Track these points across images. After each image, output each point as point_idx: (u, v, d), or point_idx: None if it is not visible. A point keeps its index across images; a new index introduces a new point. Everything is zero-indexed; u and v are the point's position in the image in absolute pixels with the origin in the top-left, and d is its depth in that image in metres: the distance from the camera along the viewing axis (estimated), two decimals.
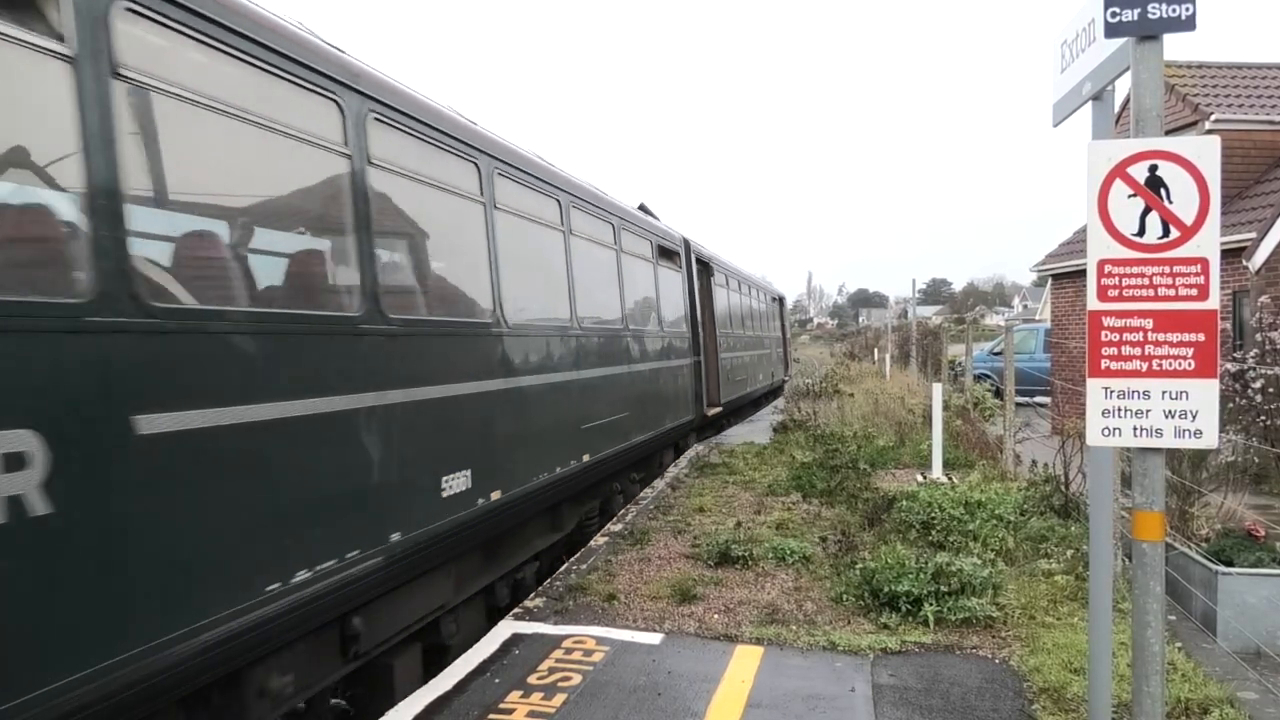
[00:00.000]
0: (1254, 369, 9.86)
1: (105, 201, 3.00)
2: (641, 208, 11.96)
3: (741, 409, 17.59)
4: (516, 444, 6.14)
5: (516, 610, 5.61)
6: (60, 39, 2.92)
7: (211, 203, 3.82)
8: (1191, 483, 6.28)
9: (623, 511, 8.52)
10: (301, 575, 3.79)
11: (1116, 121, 3.68)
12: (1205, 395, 2.78)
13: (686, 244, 12.95)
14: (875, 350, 33.84)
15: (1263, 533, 5.64)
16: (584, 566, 6.51)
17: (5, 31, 2.74)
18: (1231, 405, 9.73)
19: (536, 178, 7.13)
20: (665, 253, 11.70)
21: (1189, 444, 2.83)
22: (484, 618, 6.01)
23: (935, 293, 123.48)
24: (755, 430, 15.06)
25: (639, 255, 10.39)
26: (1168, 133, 2.84)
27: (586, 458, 7.61)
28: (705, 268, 14.13)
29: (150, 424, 3.04)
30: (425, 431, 4.90)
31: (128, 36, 3.13)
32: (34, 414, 2.66)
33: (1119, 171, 2.81)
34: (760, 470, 10.53)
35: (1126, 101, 3.00)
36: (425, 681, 4.66)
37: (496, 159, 6.29)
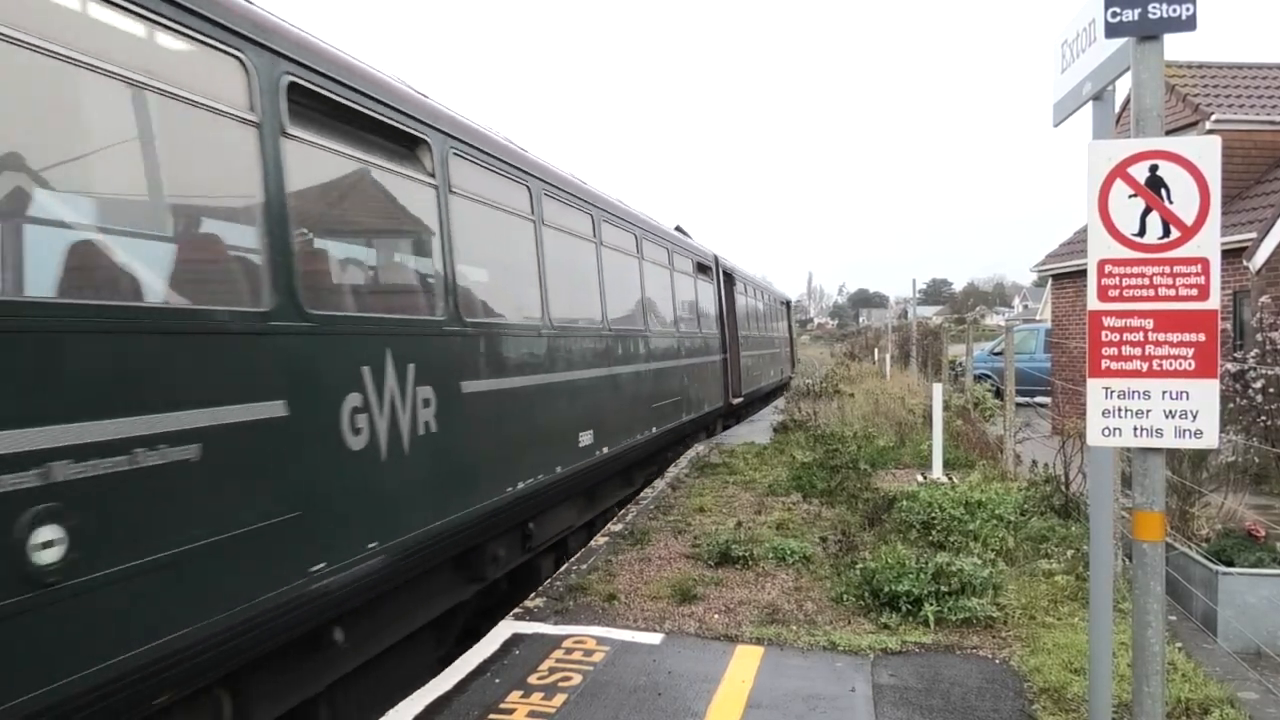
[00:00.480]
0: (1254, 369, 9.86)
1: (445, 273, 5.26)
2: (678, 228, 14.19)
3: (754, 402, 19.25)
4: (615, 415, 8.47)
5: (516, 610, 5.61)
6: (431, 175, 5.16)
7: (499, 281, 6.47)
8: (1192, 483, 6.28)
9: (623, 511, 8.52)
10: (518, 487, 5.94)
11: (1117, 121, 3.68)
12: (1205, 395, 2.78)
13: (716, 259, 15.45)
14: (875, 350, 33.83)
15: (1263, 533, 5.64)
16: (584, 566, 6.51)
17: (405, 171, 4.99)
18: (1232, 405, 9.73)
19: (625, 220, 9.75)
20: (701, 267, 14.16)
21: (1189, 444, 2.83)
22: (586, 540, 7.83)
23: (935, 293, 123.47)
24: (755, 430, 15.05)
25: (684, 272, 12.83)
26: (1168, 133, 2.84)
27: (653, 430, 10.05)
28: (729, 278, 16.34)
29: (469, 387, 5.29)
30: (570, 401, 7.17)
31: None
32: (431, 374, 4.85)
33: (1119, 171, 2.81)
34: (760, 470, 10.53)
35: (1127, 101, 3.00)
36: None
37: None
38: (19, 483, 2.54)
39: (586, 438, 7.42)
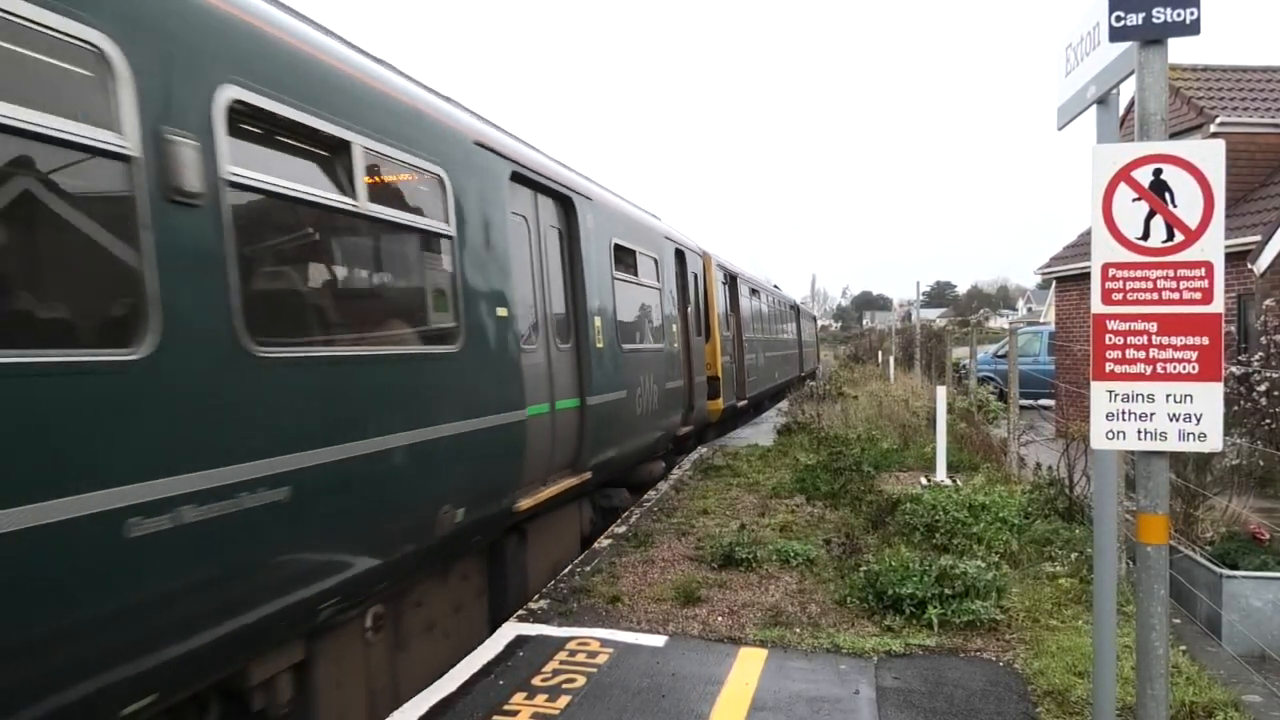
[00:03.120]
0: (1259, 372, 9.85)
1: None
2: (775, 287, 24.29)
3: (792, 383, 24.00)
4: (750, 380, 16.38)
5: (520, 612, 5.62)
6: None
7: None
8: (1196, 486, 6.28)
9: (626, 514, 8.53)
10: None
11: (1121, 125, 3.68)
12: (1209, 398, 2.78)
13: (797, 307, 28.98)
14: (879, 353, 33.83)
15: (1267, 536, 5.63)
16: (588, 568, 6.52)
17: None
18: (1236, 408, 9.71)
19: (766, 291, 20.10)
20: (794, 308, 26.49)
21: (1193, 447, 2.83)
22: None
23: (939, 295, 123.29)
24: (759, 432, 15.06)
25: (797, 318, 27.14)
26: (1172, 136, 2.85)
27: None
28: (797, 310, 29.07)
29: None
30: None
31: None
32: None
33: (1123, 175, 2.82)
34: (764, 472, 10.53)
35: (1131, 105, 3.01)
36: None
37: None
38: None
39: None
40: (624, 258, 8.67)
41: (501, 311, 5.50)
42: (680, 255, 11.61)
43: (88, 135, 2.68)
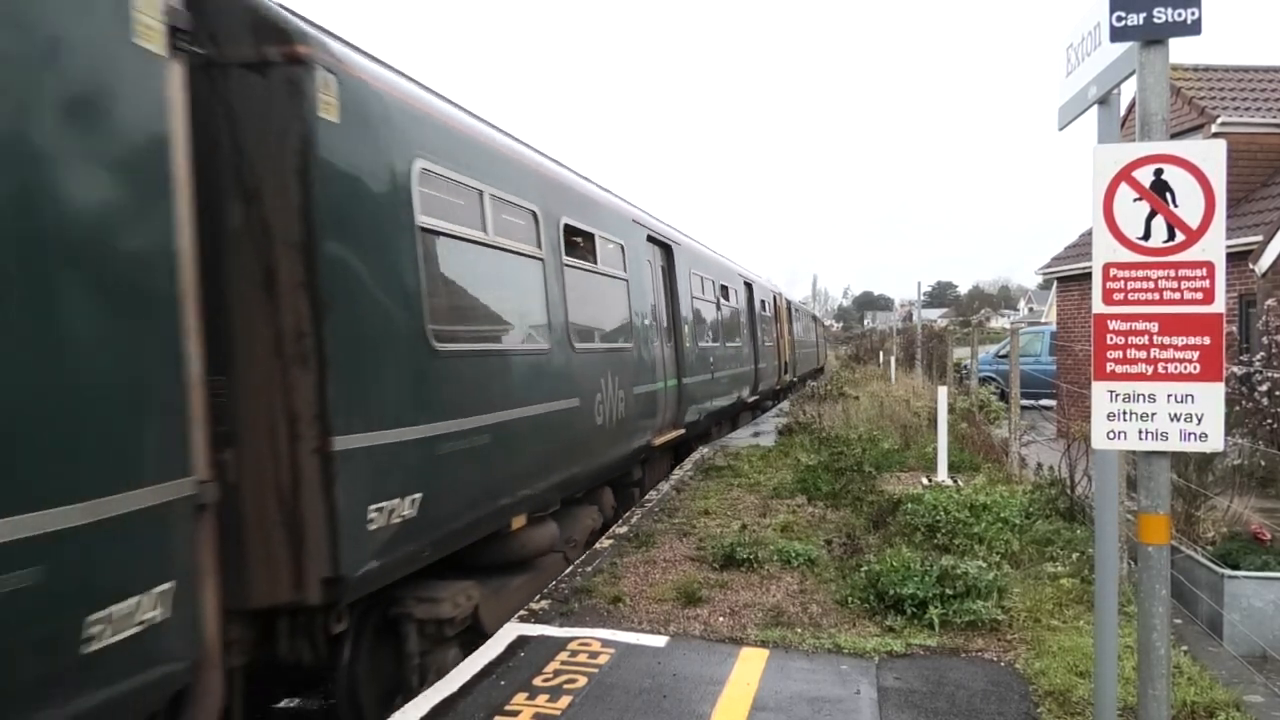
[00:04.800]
0: (1260, 372, 9.84)
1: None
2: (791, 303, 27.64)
3: (807, 376, 29.71)
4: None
5: (521, 612, 5.62)
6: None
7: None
8: (1197, 486, 6.28)
9: (628, 514, 8.53)
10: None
11: (1122, 125, 3.68)
12: (1210, 399, 2.78)
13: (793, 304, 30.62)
14: (880, 353, 33.82)
15: (1269, 536, 5.63)
16: (589, 569, 6.52)
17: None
18: (1238, 408, 9.70)
19: (801, 310, 28.63)
20: (799, 310, 29.56)
21: (1194, 447, 2.83)
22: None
23: (941, 296, 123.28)
24: (760, 433, 15.06)
25: (807, 320, 33.08)
26: (1173, 136, 2.85)
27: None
28: (798, 311, 30.85)
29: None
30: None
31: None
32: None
33: (1124, 175, 2.82)
34: (765, 473, 10.53)
35: (1132, 105, 3.01)
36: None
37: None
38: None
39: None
40: (701, 283, 12.93)
41: (648, 323, 9.41)
42: (749, 285, 17.84)
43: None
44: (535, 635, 5.15)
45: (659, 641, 5.05)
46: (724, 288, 14.52)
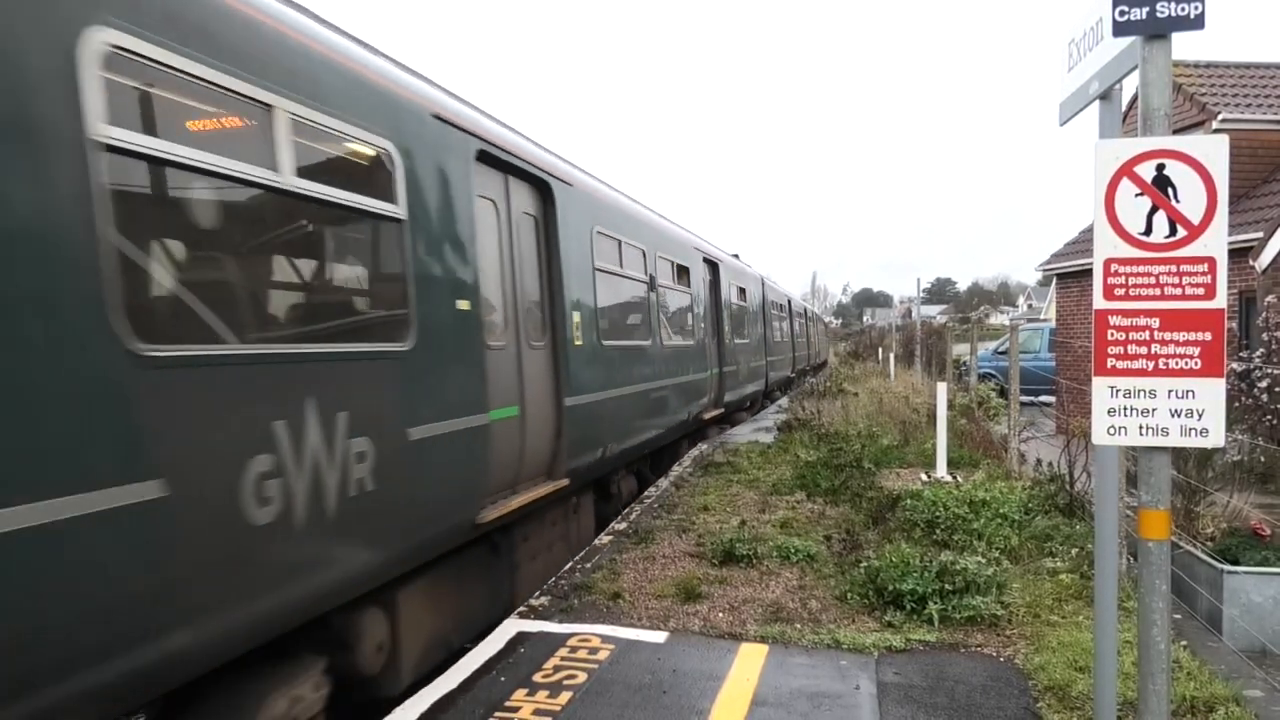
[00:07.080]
0: (1261, 368, 9.84)
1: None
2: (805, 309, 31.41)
3: (809, 369, 32.20)
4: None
5: (521, 609, 5.63)
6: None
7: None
8: (1197, 482, 6.28)
9: (627, 510, 8.53)
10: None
11: (1124, 120, 3.68)
12: (1211, 394, 2.78)
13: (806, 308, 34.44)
14: (880, 349, 33.83)
15: (1268, 532, 5.64)
16: (589, 565, 6.52)
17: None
18: (1238, 404, 9.71)
19: (807, 309, 34.24)
20: (808, 313, 33.25)
21: (1195, 443, 2.83)
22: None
23: (940, 292, 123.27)
24: (759, 430, 15.05)
25: (812, 318, 36.75)
26: (1175, 132, 2.83)
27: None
28: (803, 313, 32.22)
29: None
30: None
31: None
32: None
33: (1126, 170, 2.81)
34: (764, 469, 10.53)
35: (1134, 100, 3.00)
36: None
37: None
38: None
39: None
40: (735, 290, 15.89)
41: (703, 325, 12.69)
42: (764, 285, 20.98)
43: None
44: (535, 631, 5.15)
45: (659, 637, 5.05)
46: (746, 291, 17.30)
